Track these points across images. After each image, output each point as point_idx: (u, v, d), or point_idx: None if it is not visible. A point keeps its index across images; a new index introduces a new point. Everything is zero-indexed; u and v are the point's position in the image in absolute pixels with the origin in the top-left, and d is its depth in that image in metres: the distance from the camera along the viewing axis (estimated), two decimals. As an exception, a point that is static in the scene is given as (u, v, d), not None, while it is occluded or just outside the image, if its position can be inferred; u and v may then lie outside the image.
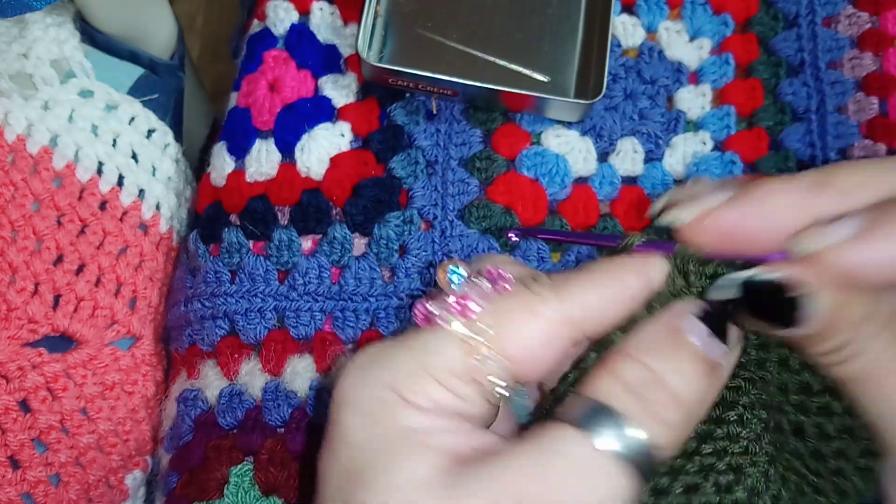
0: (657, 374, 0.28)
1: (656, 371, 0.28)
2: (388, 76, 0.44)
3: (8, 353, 0.40)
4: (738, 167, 0.46)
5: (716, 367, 0.28)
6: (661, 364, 0.28)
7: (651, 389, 0.27)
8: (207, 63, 0.96)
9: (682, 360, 0.28)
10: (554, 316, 0.29)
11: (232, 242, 0.44)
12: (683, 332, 0.28)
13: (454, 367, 0.28)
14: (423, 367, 0.28)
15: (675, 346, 0.28)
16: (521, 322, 0.29)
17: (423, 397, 0.28)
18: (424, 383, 0.28)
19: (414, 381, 0.28)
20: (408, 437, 0.27)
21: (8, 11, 0.44)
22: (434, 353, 0.28)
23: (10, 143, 0.44)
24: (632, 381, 0.27)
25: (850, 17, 0.49)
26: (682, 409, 0.27)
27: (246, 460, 0.40)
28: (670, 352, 0.28)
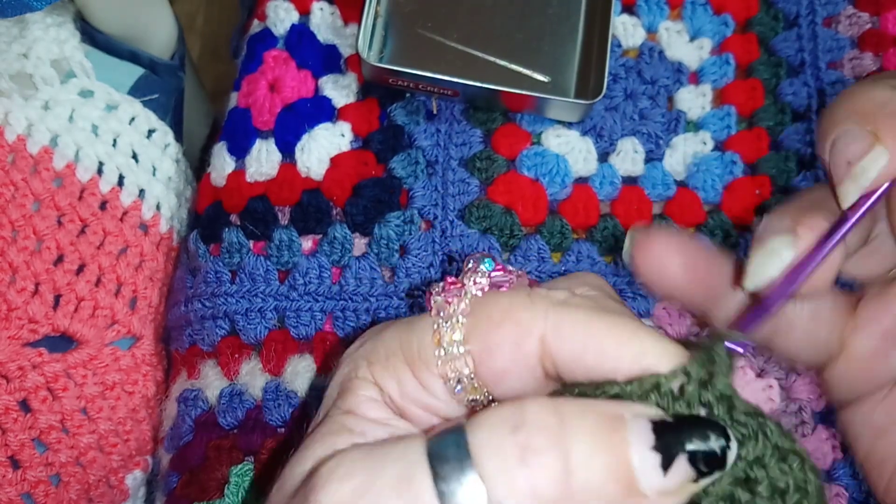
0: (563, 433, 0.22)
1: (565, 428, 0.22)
2: (388, 76, 0.44)
3: (8, 353, 0.40)
4: (739, 167, 0.46)
5: (637, 492, 0.22)
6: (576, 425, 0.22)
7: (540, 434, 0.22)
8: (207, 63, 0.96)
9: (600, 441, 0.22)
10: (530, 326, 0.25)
11: (232, 242, 0.44)
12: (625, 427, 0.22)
13: (425, 354, 0.26)
14: (401, 347, 0.26)
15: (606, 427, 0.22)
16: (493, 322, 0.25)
17: (391, 379, 0.26)
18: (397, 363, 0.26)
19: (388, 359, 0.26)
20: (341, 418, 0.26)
21: (8, 11, 0.44)
22: (414, 335, 0.26)
23: (11, 143, 0.44)
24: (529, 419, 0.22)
25: (851, 17, 0.49)
26: (561, 485, 0.21)
27: (246, 460, 0.40)
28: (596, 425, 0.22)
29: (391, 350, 0.27)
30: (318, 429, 0.26)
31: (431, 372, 0.26)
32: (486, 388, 0.26)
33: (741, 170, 0.46)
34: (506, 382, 0.25)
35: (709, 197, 0.45)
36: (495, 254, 0.43)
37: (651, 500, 0.22)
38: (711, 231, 0.44)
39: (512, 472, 0.21)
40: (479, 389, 0.26)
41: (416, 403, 0.26)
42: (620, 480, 0.22)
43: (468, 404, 0.26)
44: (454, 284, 0.27)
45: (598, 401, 0.24)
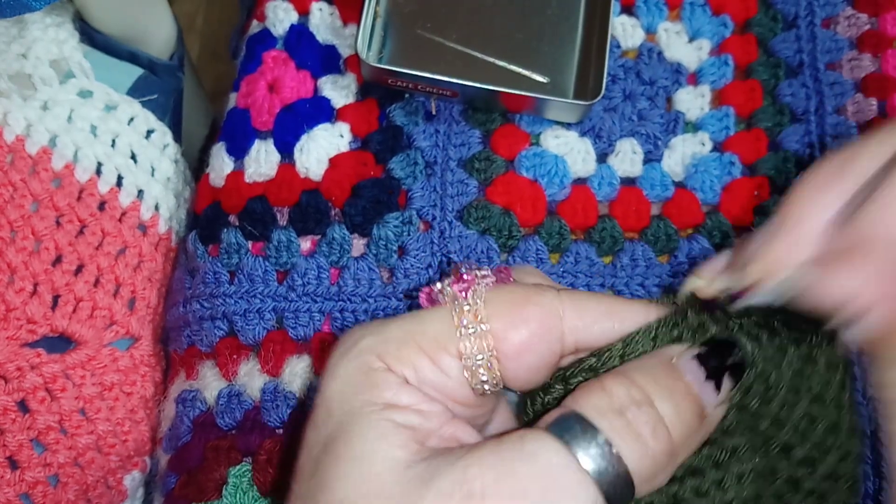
0: (649, 398, 0.27)
1: (649, 394, 0.27)
2: (387, 77, 0.44)
3: (7, 354, 0.40)
4: (737, 168, 0.46)
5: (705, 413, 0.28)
6: (654, 389, 0.27)
7: (639, 411, 0.26)
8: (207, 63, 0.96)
9: (676, 393, 0.27)
10: (546, 306, 0.28)
11: (231, 243, 0.44)
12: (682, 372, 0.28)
13: (442, 338, 0.28)
14: (412, 336, 0.28)
15: (672, 379, 0.28)
16: (514, 304, 0.29)
17: (408, 367, 0.28)
18: (410, 352, 0.28)
19: (400, 348, 0.28)
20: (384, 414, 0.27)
21: (7, 12, 0.44)
22: (426, 324, 0.29)
23: (9, 144, 0.44)
24: (621, 399, 0.27)
25: (849, 18, 0.49)
26: (667, 441, 0.26)
27: (244, 461, 0.40)
28: (666, 382, 0.27)
29: (402, 340, 0.28)
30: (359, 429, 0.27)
31: (449, 353, 0.28)
32: (502, 365, 0.28)
33: (740, 171, 0.46)
34: (523, 358, 0.28)
35: (707, 198, 0.45)
36: (493, 255, 0.43)
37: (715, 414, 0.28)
38: (710, 232, 0.44)
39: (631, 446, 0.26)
40: (493, 370, 0.28)
41: (433, 387, 0.28)
42: (697, 414, 0.27)
43: (478, 387, 0.29)
44: (461, 279, 0.29)
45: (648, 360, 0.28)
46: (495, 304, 0.29)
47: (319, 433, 0.28)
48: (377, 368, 0.28)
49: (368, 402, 0.27)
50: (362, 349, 0.28)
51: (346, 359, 0.29)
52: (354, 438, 0.27)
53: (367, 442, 0.26)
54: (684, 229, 0.45)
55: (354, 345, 0.29)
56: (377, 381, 0.28)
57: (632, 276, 0.43)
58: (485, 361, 0.28)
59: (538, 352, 0.28)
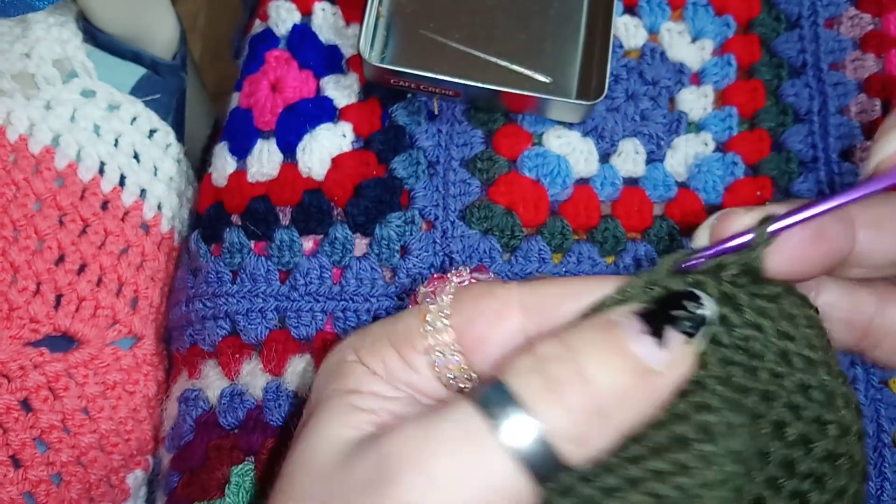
0: (573, 354, 0.25)
1: (573, 350, 0.26)
2: (389, 77, 0.44)
3: (9, 353, 0.40)
4: (740, 168, 0.45)
5: (649, 371, 0.25)
6: (580, 345, 0.26)
7: (558, 365, 0.25)
8: (209, 63, 0.96)
9: (604, 348, 0.26)
10: (506, 297, 0.29)
11: (233, 242, 0.44)
12: (616, 326, 0.26)
13: (410, 334, 0.29)
14: (386, 333, 0.30)
15: (603, 334, 0.26)
16: (474, 299, 0.29)
17: (378, 361, 0.29)
18: (381, 347, 0.29)
19: (374, 344, 0.30)
20: (345, 398, 0.28)
21: (10, 11, 0.44)
22: (399, 322, 0.30)
23: (13, 143, 0.44)
24: (543, 356, 0.26)
25: (853, 18, 0.49)
26: (590, 398, 0.25)
27: (247, 460, 0.40)
28: (594, 337, 0.26)
29: (376, 336, 0.30)
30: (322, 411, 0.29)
31: (416, 348, 0.29)
32: (466, 355, 0.29)
33: (742, 171, 0.46)
34: (485, 348, 0.29)
35: (710, 198, 0.45)
36: (496, 255, 0.43)
37: (665, 373, 0.25)
38: (713, 232, 0.44)
39: (549, 402, 0.25)
40: (459, 364, 0.29)
41: (401, 381, 0.29)
42: (631, 370, 0.25)
43: (446, 381, 0.29)
44: (438, 279, 0.31)
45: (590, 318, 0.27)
46: (460, 301, 0.29)
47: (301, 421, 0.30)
48: (350, 360, 0.30)
49: (335, 390, 0.29)
50: (343, 345, 0.31)
51: (330, 354, 0.31)
52: (314, 420, 0.29)
53: (321, 422, 0.28)
54: (687, 229, 0.45)
55: (343, 342, 0.31)
56: (347, 370, 0.30)
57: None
58: (448, 354, 0.29)
59: (497, 343, 0.29)
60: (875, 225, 0.29)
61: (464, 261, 0.43)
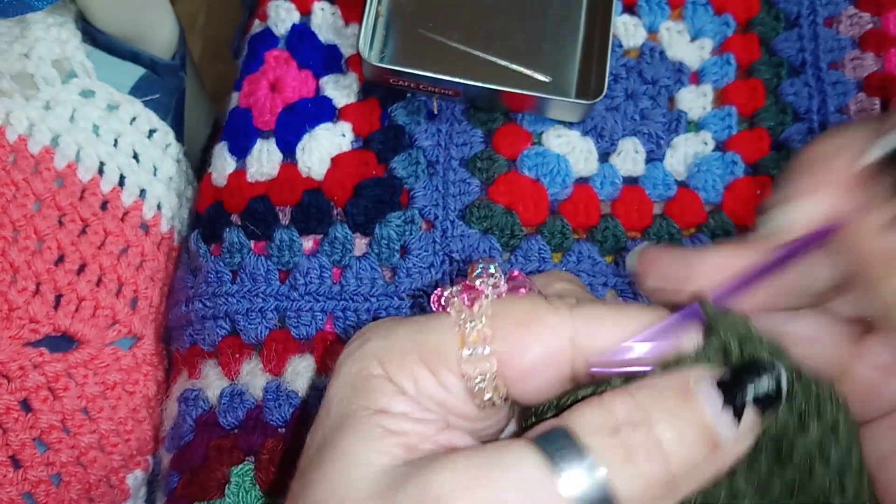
0: (649, 420, 0.24)
1: (650, 416, 0.24)
2: (389, 76, 0.44)
3: (9, 353, 0.40)
4: (740, 167, 0.46)
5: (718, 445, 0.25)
6: (658, 412, 0.25)
7: (635, 432, 0.24)
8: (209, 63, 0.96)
9: (682, 419, 0.25)
10: (558, 329, 0.26)
11: (233, 242, 0.44)
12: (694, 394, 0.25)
13: (445, 352, 0.27)
14: (416, 346, 0.27)
15: (681, 402, 0.25)
16: (520, 324, 0.27)
17: (408, 377, 0.27)
18: (412, 362, 0.27)
19: (403, 358, 0.27)
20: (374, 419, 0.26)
21: (10, 11, 0.44)
22: (430, 334, 0.27)
23: (12, 143, 0.44)
24: (617, 418, 0.24)
25: (852, 17, 0.49)
26: (664, 468, 0.24)
27: (247, 460, 0.40)
28: (673, 405, 0.25)
29: (405, 349, 0.27)
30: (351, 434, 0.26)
31: (450, 371, 0.27)
32: (508, 387, 0.27)
33: (742, 170, 0.46)
34: (529, 382, 0.27)
35: (710, 197, 0.45)
36: (496, 254, 0.43)
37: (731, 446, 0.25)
38: (712, 231, 0.44)
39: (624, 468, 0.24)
40: (498, 390, 0.27)
41: (432, 401, 0.27)
42: (706, 443, 0.24)
43: (483, 403, 0.27)
44: (470, 288, 0.28)
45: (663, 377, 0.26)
46: (500, 322, 0.27)
47: (317, 433, 0.28)
48: (377, 375, 0.27)
49: (362, 407, 0.27)
50: (366, 353, 0.28)
51: (350, 360, 0.28)
52: (341, 441, 0.26)
53: (352, 445, 0.26)
54: (687, 228, 0.45)
55: (360, 347, 0.28)
56: (374, 386, 0.27)
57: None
58: (487, 384, 0.27)
59: (544, 376, 0.27)
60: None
61: (463, 260, 0.43)
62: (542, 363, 0.27)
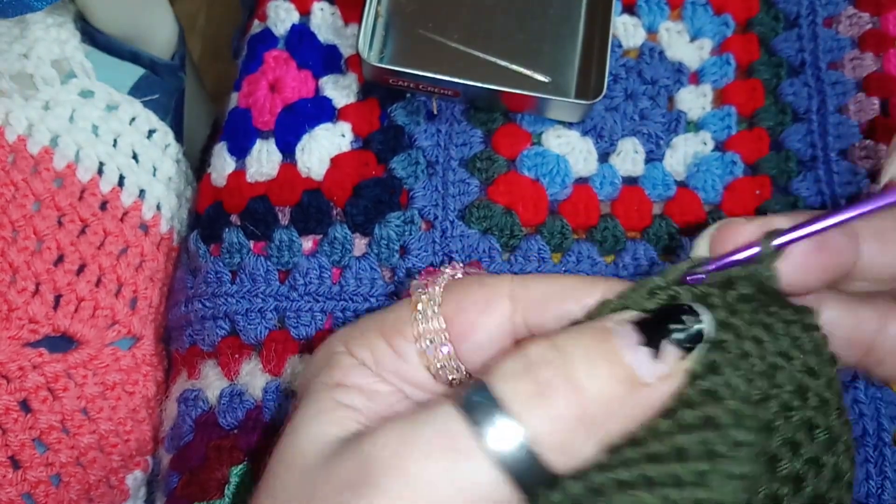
0: (564, 359, 0.25)
1: (564, 355, 0.25)
2: (388, 76, 0.44)
3: (9, 354, 0.40)
4: (739, 167, 0.46)
5: (641, 382, 0.25)
6: (572, 350, 0.25)
7: (547, 370, 0.24)
8: (208, 63, 0.96)
9: (596, 355, 0.25)
10: (497, 286, 0.29)
11: (232, 243, 0.44)
12: (611, 334, 0.25)
13: (401, 323, 0.29)
14: (377, 324, 0.30)
15: (597, 341, 0.25)
16: (464, 289, 0.29)
17: (366, 350, 0.29)
18: (371, 337, 0.29)
19: (364, 333, 0.30)
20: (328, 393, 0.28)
21: (9, 12, 0.44)
22: (390, 312, 0.30)
23: (11, 144, 0.44)
24: (533, 359, 0.25)
25: (851, 17, 0.49)
26: (578, 406, 0.24)
27: (247, 460, 0.40)
28: (589, 343, 0.25)
29: (366, 327, 0.30)
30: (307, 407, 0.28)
31: (405, 337, 0.29)
32: (455, 345, 0.29)
33: (741, 170, 0.46)
34: (473, 337, 0.29)
35: (709, 197, 0.45)
36: (495, 254, 0.43)
37: (655, 386, 0.25)
38: (712, 231, 0.44)
39: (534, 407, 0.24)
40: (449, 356, 0.29)
41: (389, 371, 0.29)
42: (622, 380, 0.25)
43: (435, 371, 0.29)
44: (432, 272, 0.31)
45: (584, 323, 0.27)
46: (451, 291, 0.29)
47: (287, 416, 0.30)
48: (338, 352, 0.30)
49: (321, 382, 0.29)
50: (334, 337, 0.31)
51: (320, 346, 0.31)
52: (299, 415, 0.28)
53: (306, 418, 0.28)
54: (686, 228, 0.45)
55: (335, 335, 0.31)
56: (334, 362, 0.29)
57: (634, 276, 0.43)
58: (437, 343, 0.29)
59: (485, 331, 0.28)
60: (879, 237, 0.28)
61: (463, 260, 0.43)
62: (482, 318, 0.28)
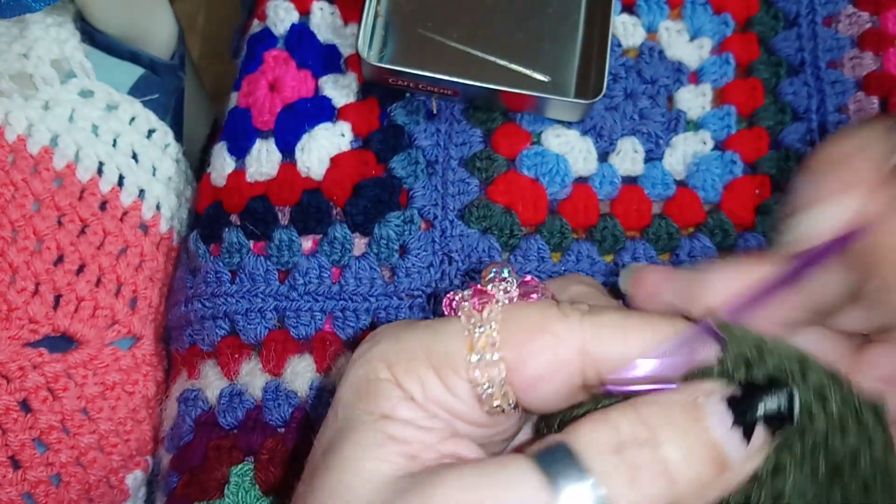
0: (655, 438, 0.23)
1: (656, 434, 0.23)
2: (388, 76, 0.44)
3: (9, 354, 0.40)
4: (739, 167, 0.46)
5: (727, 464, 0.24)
6: (664, 430, 0.24)
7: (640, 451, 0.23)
8: (208, 63, 0.96)
9: (690, 437, 0.24)
10: (567, 338, 0.26)
11: (232, 242, 0.44)
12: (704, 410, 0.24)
13: (454, 357, 0.26)
14: (425, 350, 0.27)
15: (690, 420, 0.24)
16: (528, 332, 0.26)
17: (415, 382, 0.27)
18: (419, 367, 0.27)
19: (411, 362, 0.27)
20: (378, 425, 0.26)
21: (7, 12, 0.44)
22: (439, 339, 0.27)
23: (11, 144, 0.44)
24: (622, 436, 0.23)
25: (851, 16, 0.49)
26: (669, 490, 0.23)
27: (246, 460, 0.40)
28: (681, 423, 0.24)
29: (413, 353, 0.27)
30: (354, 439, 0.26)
31: (459, 376, 0.26)
32: (516, 394, 0.26)
33: (741, 169, 0.46)
34: (537, 390, 0.26)
35: (709, 196, 0.45)
36: (495, 254, 0.43)
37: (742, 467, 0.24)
38: (711, 231, 0.44)
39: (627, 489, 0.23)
40: (507, 396, 0.26)
41: (439, 406, 0.27)
42: (714, 463, 0.23)
43: (492, 410, 0.27)
44: (482, 292, 0.28)
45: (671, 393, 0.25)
46: (509, 328, 0.26)
47: (324, 436, 0.27)
48: (384, 379, 0.27)
49: (367, 412, 0.26)
50: (374, 355, 0.27)
51: (359, 363, 0.28)
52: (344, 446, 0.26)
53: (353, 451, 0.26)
54: (686, 228, 0.45)
55: (369, 349, 0.28)
56: (380, 391, 0.27)
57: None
58: (496, 390, 0.26)
59: (552, 385, 0.26)
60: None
61: (463, 260, 0.43)
62: (550, 372, 0.26)
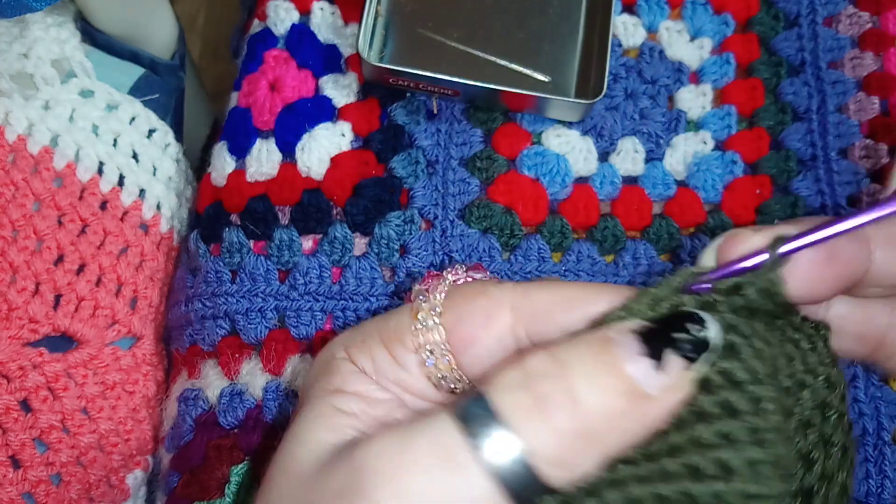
0: (563, 371, 0.24)
1: (564, 367, 0.24)
2: (388, 76, 0.44)
3: (9, 353, 0.40)
4: (739, 167, 0.46)
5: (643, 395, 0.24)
6: (573, 363, 0.24)
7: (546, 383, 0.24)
8: (208, 63, 0.96)
9: (598, 368, 0.24)
10: (499, 297, 0.28)
11: (232, 242, 0.44)
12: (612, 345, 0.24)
13: (401, 331, 0.29)
14: (378, 330, 0.29)
15: (597, 352, 0.24)
16: (466, 298, 0.29)
17: (367, 357, 0.29)
18: (372, 344, 0.29)
19: (365, 340, 0.29)
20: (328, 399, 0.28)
21: (7, 12, 0.44)
22: (391, 318, 0.30)
23: (11, 143, 0.44)
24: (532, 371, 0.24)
25: (851, 16, 0.49)
26: (578, 420, 0.23)
27: (247, 460, 0.40)
28: (589, 355, 0.24)
29: (367, 333, 0.30)
30: (305, 413, 0.28)
31: (406, 346, 0.29)
32: (455, 356, 0.28)
33: (741, 169, 0.46)
34: (474, 349, 0.28)
35: (709, 196, 0.45)
36: (495, 254, 0.43)
37: (659, 398, 0.24)
38: (712, 230, 0.44)
39: (533, 420, 0.23)
40: (453, 370, 0.28)
41: (389, 379, 0.29)
42: (624, 392, 0.24)
43: (436, 381, 0.29)
44: (433, 276, 0.31)
45: (584, 332, 0.26)
46: (452, 299, 0.29)
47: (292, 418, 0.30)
48: (339, 357, 0.29)
49: (320, 388, 0.29)
50: (335, 342, 0.30)
51: (322, 351, 0.31)
52: (298, 421, 0.28)
53: (304, 424, 0.28)
54: (686, 228, 0.45)
55: (336, 338, 0.31)
56: (334, 368, 0.29)
57: (634, 275, 0.43)
58: (438, 354, 0.28)
59: (486, 343, 0.28)
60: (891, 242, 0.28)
61: (463, 260, 0.43)
62: (482, 329, 0.28)
